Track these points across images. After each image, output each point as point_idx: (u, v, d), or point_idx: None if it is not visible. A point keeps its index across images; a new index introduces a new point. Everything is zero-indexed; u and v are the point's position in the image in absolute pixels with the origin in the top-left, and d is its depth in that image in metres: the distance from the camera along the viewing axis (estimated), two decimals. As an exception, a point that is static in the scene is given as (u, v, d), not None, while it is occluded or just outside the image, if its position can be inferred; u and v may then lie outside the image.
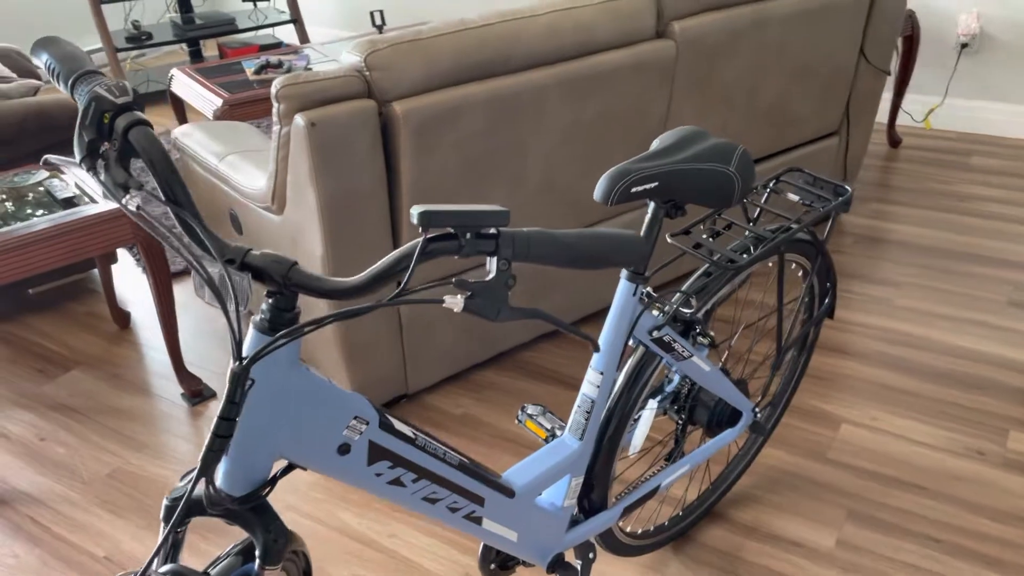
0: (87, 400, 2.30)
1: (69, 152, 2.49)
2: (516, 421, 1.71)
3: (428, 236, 0.79)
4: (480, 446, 2.06)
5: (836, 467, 1.96)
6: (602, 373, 1.28)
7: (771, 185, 1.50)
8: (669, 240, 1.34)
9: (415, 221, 0.77)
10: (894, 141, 3.57)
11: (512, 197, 2.08)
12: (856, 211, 3.09)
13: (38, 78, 2.97)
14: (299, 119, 1.74)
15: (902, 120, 3.80)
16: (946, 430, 2.05)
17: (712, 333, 1.41)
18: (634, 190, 1.11)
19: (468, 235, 0.79)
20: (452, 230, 0.79)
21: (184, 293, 2.77)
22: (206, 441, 0.80)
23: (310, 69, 3.55)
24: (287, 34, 5.35)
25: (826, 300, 1.68)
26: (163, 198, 0.80)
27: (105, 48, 4.40)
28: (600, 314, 2.53)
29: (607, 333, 1.27)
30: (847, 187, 1.48)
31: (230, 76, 3.52)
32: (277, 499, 1.94)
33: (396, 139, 1.84)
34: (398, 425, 0.97)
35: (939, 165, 3.42)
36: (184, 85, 3.52)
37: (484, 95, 1.90)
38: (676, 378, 1.56)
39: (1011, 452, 1.97)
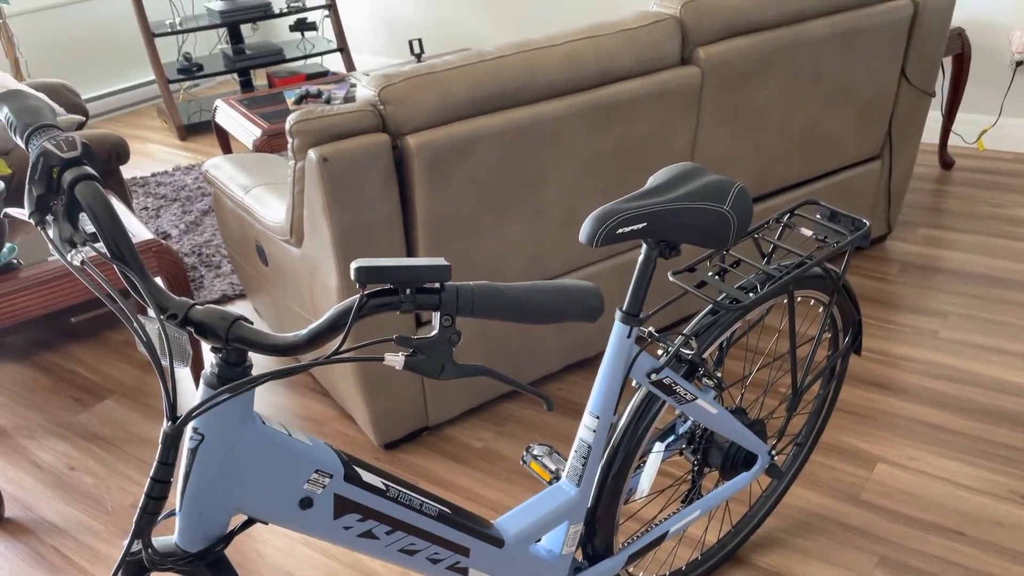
0: (118, 430, 2.34)
1: (104, 185, 2.55)
2: (521, 462, 1.67)
3: (366, 292, 0.76)
4: (499, 481, 2.03)
5: (869, 510, 1.86)
6: (598, 417, 1.24)
7: (784, 219, 1.44)
8: (671, 279, 1.30)
9: (352, 277, 0.75)
10: (946, 163, 3.44)
11: (532, 230, 2.05)
12: (903, 237, 2.98)
13: (85, 113, 3.07)
14: (312, 154, 1.75)
15: (953, 141, 3.66)
16: (990, 471, 1.94)
17: (719, 375, 1.36)
18: (620, 231, 1.07)
19: (408, 291, 0.76)
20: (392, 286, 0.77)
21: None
22: (140, 502, 0.79)
23: (352, 99, 3.59)
24: (334, 63, 5.45)
25: (847, 336, 1.60)
26: (108, 254, 0.79)
27: (157, 79, 4.54)
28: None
29: (601, 376, 1.23)
30: (864, 220, 1.41)
31: (271, 106, 3.58)
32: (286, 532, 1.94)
33: (410, 172, 1.83)
34: (367, 476, 0.95)
35: (992, 188, 3.28)
36: (227, 116, 3.59)
37: (500, 127, 1.88)
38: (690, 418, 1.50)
39: (1060, 497, 1.85)
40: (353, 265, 0.75)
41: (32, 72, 4.63)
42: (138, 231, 2.11)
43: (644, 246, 1.17)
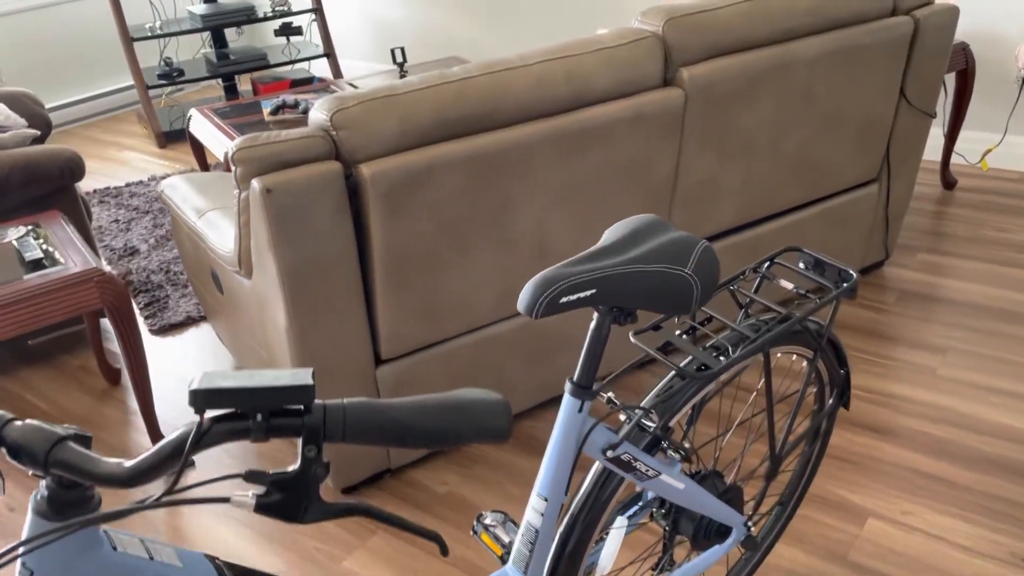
0: (64, 465, 2.20)
1: (55, 202, 2.42)
2: (471, 532, 1.53)
3: (206, 419, 0.63)
4: (463, 533, 1.89)
5: (858, 572, 1.72)
6: (546, 499, 1.10)
7: (763, 269, 1.30)
8: (633, 340, 1.16)
9: (188, 402, 0.61)
10: (948, 183, 3.29)
11: (501, 263, 1.91)
12: (902, 263, 2.83)
13: (47, 124, 2.94)
14: (255, 184, 1.61)
15: (955, 160, 3.51)
16: (989, 530, 1.79)
17: (687, 444, 1.22)
18: (564, 300, 0.93)
19: (260, 416, 0.63)
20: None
21: (174, 352, 2.68)
22: None
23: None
24: (321, 68, 5.31)
25: (834, 391, 1.46)
26: None
27: (136, 85, 4.41)
28: (622, 377, 2.34)
29: (550, 452, 1.10)
30: (852, 272, 1.27)
31: (247, 117, 3.45)
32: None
33: (365, 203, 1.69)
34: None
35: (997, 210, 3.13)
36: (201, 126, 3.46)
37: (465, 153, 1.75)
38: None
39: (1066, 561, 1.71)
40: (189, 387, 0.61)
41: (6, 78, 4.50)
42: (79, 260, 1.98)
43: (596, 312, 1.03)
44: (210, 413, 0.62)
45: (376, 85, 1.69)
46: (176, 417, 2.35)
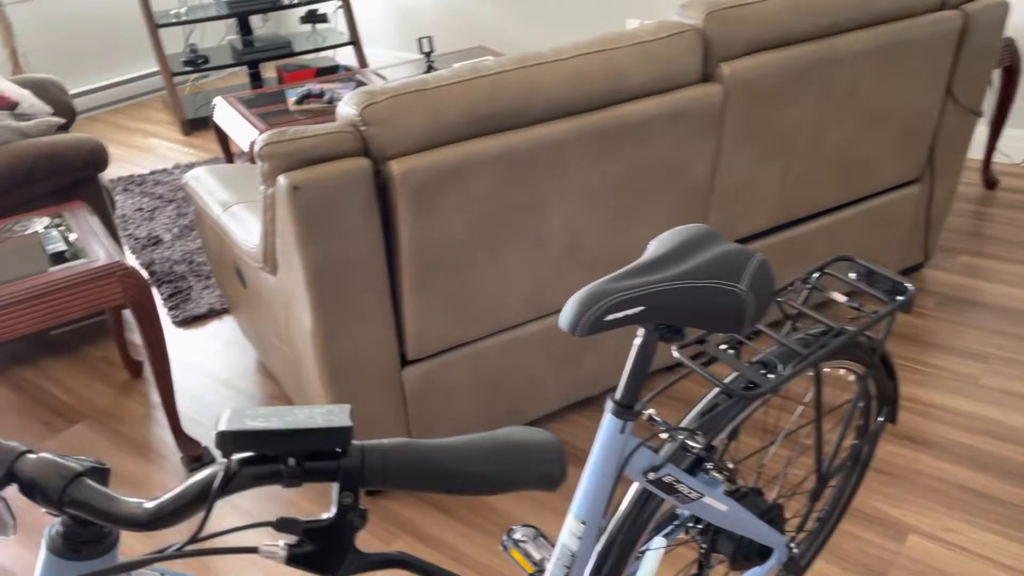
0: (85, 459, 2.18)
1: (79, 193, 2.39)
2: (501, 547, 1.49)
3: (235, 461, 0.58)
4: (488, 538, 1.84)
5: (899, 591, 1.66)
6: (584, 523, 1.05)
7: (813, 280, 1.24)
8: (675, 355, 1.10)
9: (215, 443, 0.56)
10: (990, 183, 3.19)
11: (531, 264, 1.85)
12: (942, 265, 2.75)
13: (71, 111, 2.91)
14: (282, 181, 1.57)
15: (998, 159, 3.41)
16: (1037, 550, 1.72)
17: (731, 465, 1.16)
18: (611, 318, 0.87)
19: (293, 460, 0.58)
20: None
21: (196, 344, 2.65)
22: None
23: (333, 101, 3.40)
24: (347, 56, 5.26)
25: (882, 407, 1.39)
26: None
27: (162, 72, 4.38)
28: (653, 377, 2.28)
29: (590, 474, 1.04)
30: (908, 284, 1.20)
31: (272, 106, 3.41)
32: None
33: (394, 201, 1.64)
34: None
35: (1041, 212, 3.03)
36: (226, 114, 3.42)
37: (496, 151, 1.69)
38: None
39: (1118, 585, 1.64)
40: (216, 428, 0.56)
41: (31, 64, 4.48)
42: (102, 253, 1.94)
43: (642, 329, 0.97)
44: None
45: (403, 76, 1.64)
46: (198, 411, 2.32)
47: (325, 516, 0.60)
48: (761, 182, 2.12)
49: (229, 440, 0.56)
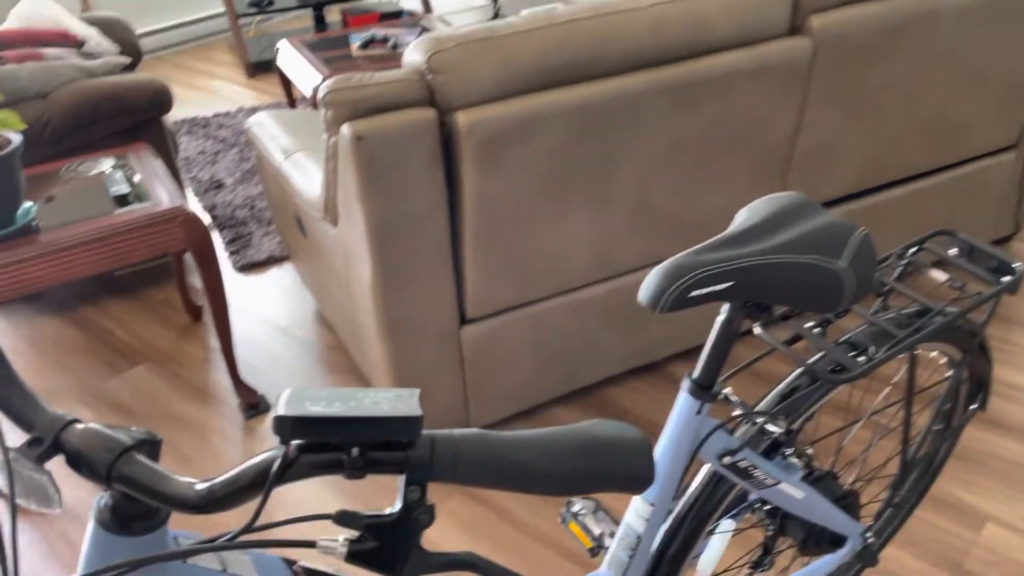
0: (146, 402, 2.20)
1: (142, 134, 2.38)
2: (559, 520, 1.44)
3: (293, 447, 0.53)
4: (543, 503, 1.81)
5: (973, 582, 1.58)
6: (653, 505, 0.99)
7: (910, 255, 1.14)
8: (757, 332, 1.02)
9: (272, 429, 0.51)
10: (1089, 150, 2.98)
11: (599, 222, 1.78)
12: (1032, 237, 2.58)
13: (137, 51, 2.89)
14: (345, 130, 1.51)
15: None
16: None
17: (810, 451, 1.09)
18: (696, 293, 0.80)
19: (356, 450, 0.52)
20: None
21: (256, 291, 2.64)
22: None
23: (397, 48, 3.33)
24: (411, 1, 5.15)
25: (969, 392, 1.30)
26: None
27: (227, 13, 4.35)
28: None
29: (662, 455, 0.98)
30: (1015, 265, 1.10)
31: (335, 51, 3.35)
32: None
33: (459, 154, 1.58)
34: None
35: None
36: (290, 58, 3.38)
37: (567, 103, 1.61)
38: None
39: None
40: (272, 413, 0.51)
41: (99, 2, 4.49)
42: (164, 197, 1.92)
43: (727, 305, 0.90)
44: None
45: (470, 22, 1.56)
46: (256, 357, 2.32)
47: (389, 511, 0.55)
48: (845, 144, 2.00)
49: (287, 426, 0.51)
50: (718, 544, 1.17)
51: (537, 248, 1.75)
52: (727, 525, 1.18)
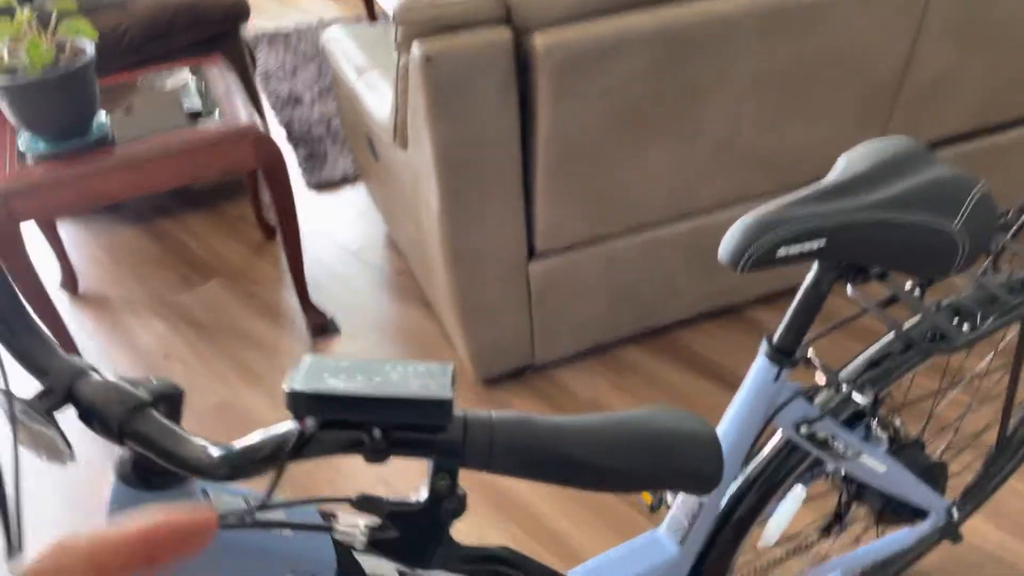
0: (217, 317, 2.23)
1: (218, 46, 2.34)
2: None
3: (311, 423, 0.47)
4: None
5: (1062, 561, 1.48)
6: (718, 470, 0.93)
7: (1029, 213, 1.02)
8: (850, 293, 0.93)
9: (285, 404, 0.46)
10: None
11: (678, 158, 1.67)
12: None
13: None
14: (416, 49, 1.43)
15: None
16: None
17: (898, 422, 1.00)
18: (784, 252, 0.72)
19: (377, 431, 0.47)
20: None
21: (328, 210, 2.62)
22: None
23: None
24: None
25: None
26: None
27: (310, -78, 4.24)
28: (788, 295, 2.09)
29: (731, 421, 0.91)
30: None
31: (417, -37, 3.22)
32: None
33: (535, 79, 1.49)
34: (372, 566, 0.69)
35: None
36: (370, -29, 3.28)
37: (653, 27, 1.49)
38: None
39: None
40: (286, 385, 0.46)
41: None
42: (237, 114, 1.89)
43: (816, 265, 0.81)
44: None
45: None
46: (326, 278, 2.31)
47: (415, 499, 0.50)
48: (960, 80, 1.82)
49: (302, 403, 0.46)
50: (788, 508, 1.10)
51: (613, 182, 1.66)
52: (799, 490, 1.11)
